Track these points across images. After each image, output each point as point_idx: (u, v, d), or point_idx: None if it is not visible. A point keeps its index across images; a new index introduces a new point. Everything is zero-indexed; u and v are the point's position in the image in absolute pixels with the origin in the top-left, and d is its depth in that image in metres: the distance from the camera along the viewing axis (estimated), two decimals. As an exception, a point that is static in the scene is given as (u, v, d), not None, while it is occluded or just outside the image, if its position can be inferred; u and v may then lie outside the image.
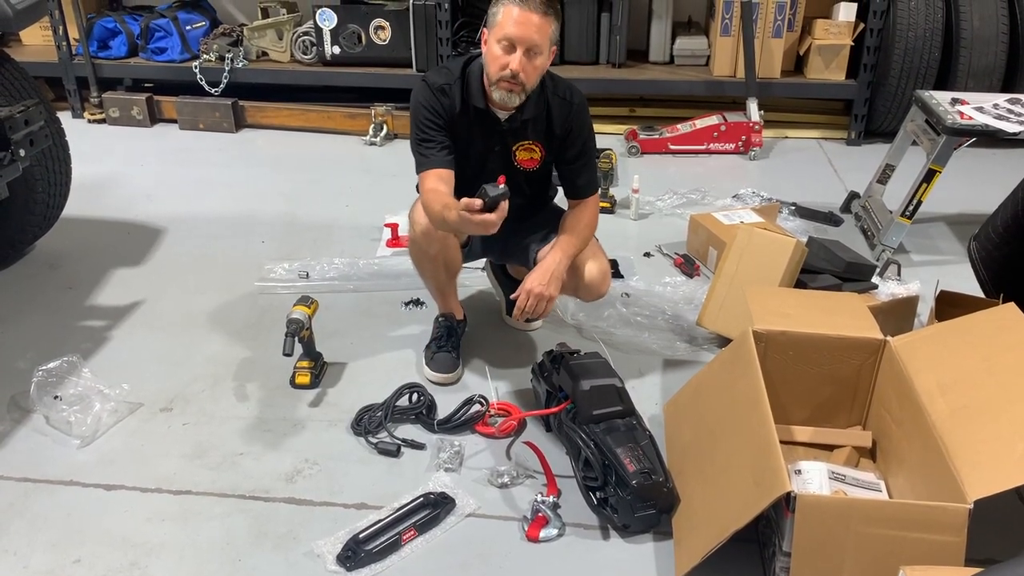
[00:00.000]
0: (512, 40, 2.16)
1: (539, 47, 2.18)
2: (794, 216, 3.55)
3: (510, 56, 2.18)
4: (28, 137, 2.70)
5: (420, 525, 1.95)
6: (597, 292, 2.49)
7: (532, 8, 2.14)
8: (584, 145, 2.44)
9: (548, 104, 2.36)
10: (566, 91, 2.39)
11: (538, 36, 2.17)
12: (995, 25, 4.07)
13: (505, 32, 2.16)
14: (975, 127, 3.00)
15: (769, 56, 4.39)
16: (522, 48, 2.17)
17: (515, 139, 2.39)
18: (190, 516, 2.02)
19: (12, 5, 2.69)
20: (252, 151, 4.47)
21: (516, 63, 2.17)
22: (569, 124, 2.39)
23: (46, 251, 3.27)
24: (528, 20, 2.14)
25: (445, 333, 2.55)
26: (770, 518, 1.78)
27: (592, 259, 2.46)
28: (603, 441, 1.99)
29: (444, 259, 2.45)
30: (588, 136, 2.45)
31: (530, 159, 2.44)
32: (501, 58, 2.19)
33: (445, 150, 2.31)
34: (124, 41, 4.75)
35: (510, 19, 2.15)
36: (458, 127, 2.33)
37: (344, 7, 4.52)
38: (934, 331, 2.12)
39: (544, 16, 2.16)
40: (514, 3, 2.15)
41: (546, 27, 2.17)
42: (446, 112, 2.30)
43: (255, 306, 2.91)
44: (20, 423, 2.33)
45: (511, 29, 2.15)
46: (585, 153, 2.45)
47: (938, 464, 1.72)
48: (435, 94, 2.30)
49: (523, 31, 2.15)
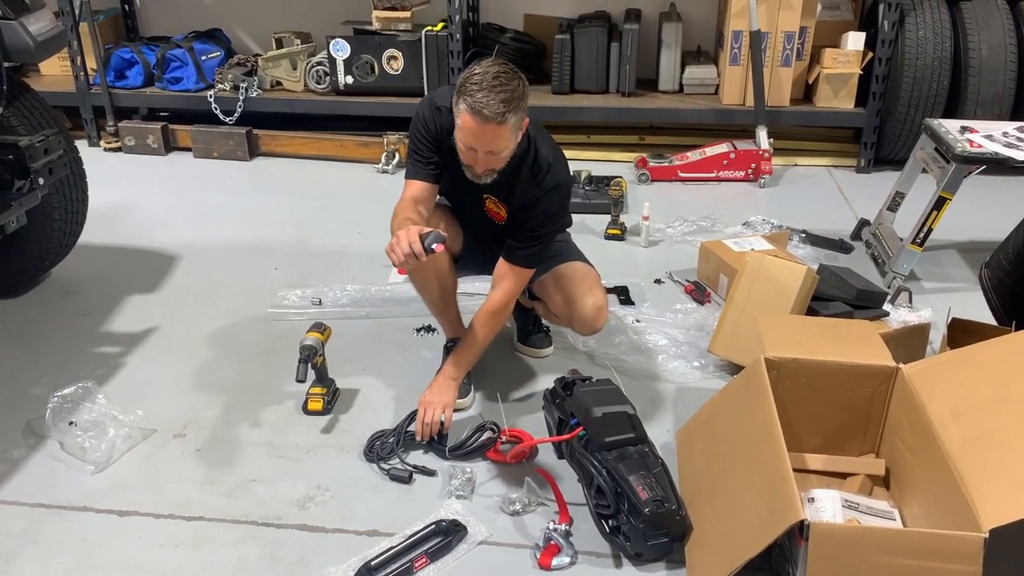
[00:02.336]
0: (471, 147, 2.14)
1: (500, 148, 2.14)
2: (805, 243, 3.55)
3: (474, 157, 2.16)
4: (47, 166, 2.74)
5: (432, 552, 1.94)
6: (592, 327, 2.49)
7: (489, 119, 2.05)
8: (538, 228, 2.32)
9: (518, 175, 2.29)
10: (540, 173, 2.29)
11: (497, 143, 2.12)
12: (1003, 54, 4.09)
13: (464, 138, 2.14)
14: (985, 155, 3.01)
15: (778, 85, 4.42)
16: (482, 152, 2.14)
17: (484, 190, 2.37)
18: (203, 542, 2.02)
19: (34, 37, 2.75)
20: (265, 179, 4.51)
21: (480, 166, 2.17)
22: (527, 202, 2.30)
23: (62, 278, 3.30)
24: (485, 131, 2.09)
25: (455, 360, 2.56)
26: (783, 547, 1.77)
27: (588, 293, 2.45)
28: (615, 468, 1.99)
29: (435, 271, 2.44)
30: (545, 222, 2.32)
31: (497, 213, 2.42)
32: (465, 153, 2.18)
33: (431, 166, 2.33)
34: (140, 71, 4.82)
35: (469, 129, 2.10)
36: (446, 151, 2.33)
37: (357, 38, 4.58)
38: (946, 358, 2.11)
39: (501, 125, 2.07)
40: (470, 113, 2.07)
41: (504, 131, 2.10)
42: (438, 130, 2.31)
43: (268, 332, 2.93)
44: (35, 449, 2.35)
45: (470, 139, 2.12)
46: (536, 236, 2.33)
47: (952, 492, 1.71)
48: (433, 111, 2.32)
49: (482, 143, 2.12)
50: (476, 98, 2.05)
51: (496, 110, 2.05)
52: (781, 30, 4.31)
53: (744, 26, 4.28)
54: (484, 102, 2.04)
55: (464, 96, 2.08)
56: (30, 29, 2.76)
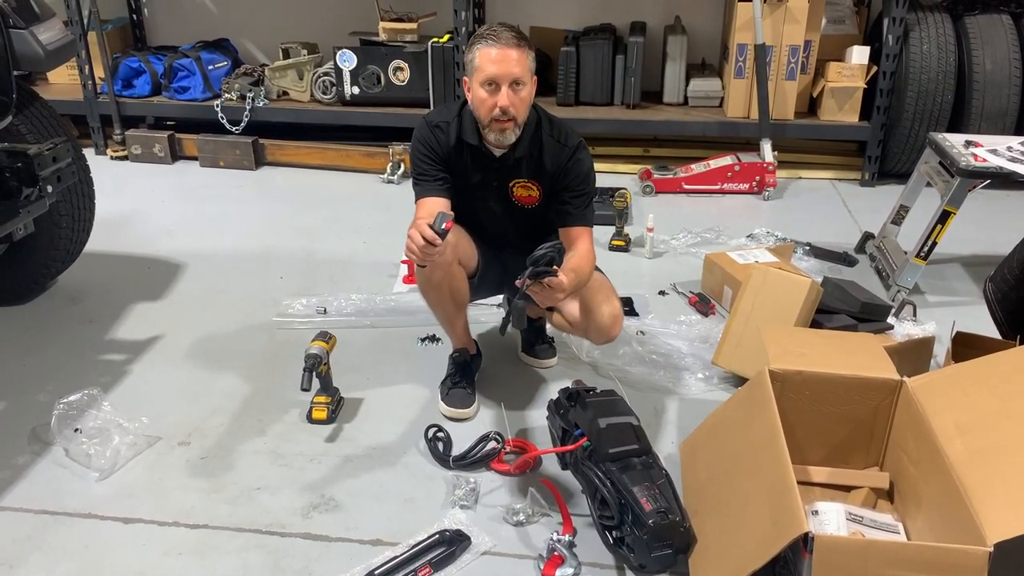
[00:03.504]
0: (495, 79, 2.20)
1: (522, 79, 2.22)
2: (809, 256, 3.56)
3: (497, 95, 2.22)
4: (56, 174, 2.75)
5: (435, 562, 1.94)
6: (608, 335, 2.49)
7: (507, 44, 2.19)
8: (579, 186, 2.39)
9: (542, 143, 2.38)
10: (561, 135, 2.39)
11: (518, 69, 2.21)
12: (1007, 68, 4.10)
13: (486, 73, 2.21)
14: (989, 169, 3.02)
15: (783, 98, 4.43)
16: (506, 84, 2.21)
17: (511, 176, 2.41)
18: (207, 550, 2.02)
19: (44, 46, 2.77)
20: (271, 188, 4.53)
21: (504, 99, 2.21)
22: (563, 166, 2.38)
23: (68, 285, 3.32)
24: (506, 56, 2.19)
25: (460, 369, 2.57)
26: (787, 559, 1.77)
27: (605, 302, 2.45)
28: (619, 479, 1.98)
29: (449, 287, 2.45)
30: (585, 179, 2.40)
31: (528, 196, 2.45)
32: (488, 99, 2.23)
33: (439, 182, 2.36)
34: (148, 80, 4.85)
35: (488, 60, 2.20)
36: (454, 163, 2.37)
37: (364, 48, 4.61)
38: (951, 372, 2.11)
39: (519, 48, 2.21)
40: (488, 44, 2.20)
41: (524, 58, 2.22)
42: (441, 148, 2.35)
43: (273, 341, 2.94)
44: (40, 455, 2.35)
45: (492, 69, 2.20)
46: (580, 193, 2.40)
47: (957, 506, 1.71)
48: (431, 131, 2.36)
49: (504, 68, 2.20)
50: (489, 32, 2.21)
51: (512, 36, 2.21)
52: (786, 44, 4.33)
53: (749, 39, 4.30)
54: (498, 32, 2.21)
55: (477, 40, 2.23)
56: (40, 38, 2.79)
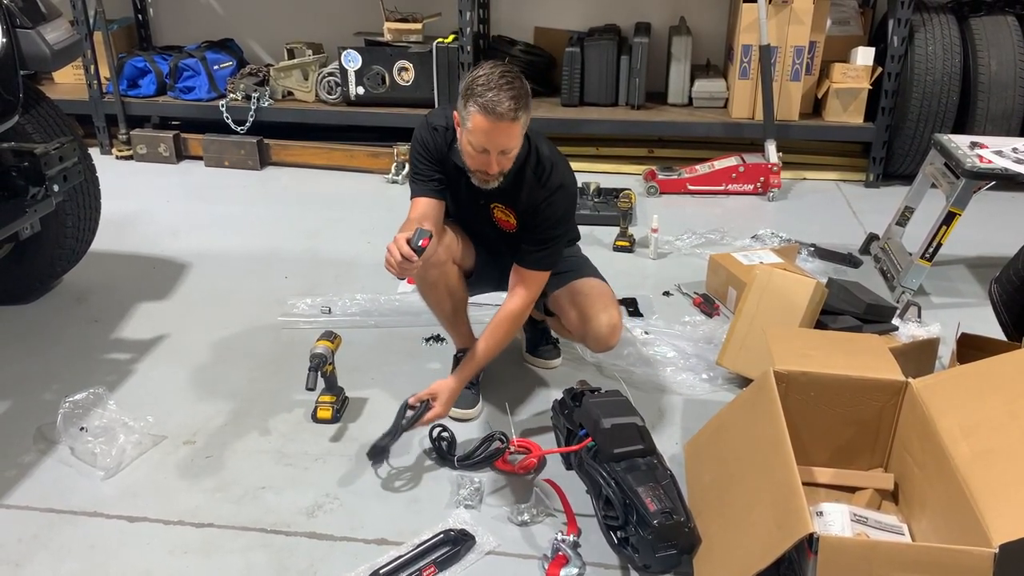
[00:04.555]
0: (484, 148, 2.15)
1: (512, 146, 2.16)
2: (813, 257, 3.56)
3: (485, 157, 2.16)
4: (62, 173, 2.76)
5: (440, 562, 1.94)
6: (605, 344, 2.48)
7: (502, 117, 2.07)
8: (548, 230, 2.32)
9: (523, 178, 2.30)
10: (544, 174, 2.30)
11: (510, 140, 2.14)
12: (1013, 69, 4.10)
13: (478, 140, 2.13)
14: (995, 171, 3.01)
15: (787, 99, 4.43)
16: (495, 153, 2.15)
17: (490, 199, 2.38)
18: (212, 550, 2.03)
19: (50, 46, 2.77)
20: (276, 188, 4.54)
21: (492, 167, 2.17)
22: (534, 204, 2.31)
23: (73, 285, 3.32)
24: (500, 130, 2.10)
25: (464, 369, 2.56)
26: (792, 560, 1.77)
27: (603, 311, 2.44)
28: (624, 480, 1.99)
29: (446, 286, 2.45)
30: (555, 223, 2.32)
31: (507, 221, 2.41)
32: (476, 157, 2.17)
33: (434, 183, 2.35)
34: (153, 80, 4.86)
35: (480, 129, 2.10)
36: (447, 168, 2.35)
37: (369, 49, 4.61)
38: (956, 373, 2.11)
39: (515, 121, 2.10)
40: (483, 113, 2.07)
41: (517, 128, 2.13)
42: (437, 150, 2.33)
43: (278, 341, 2.95)
44: (46, 454, 2.36)
45: (483, 139, 2.12)
46: (546, 238, 2.33)
47: (962, 508, 1.71)
48: (430, 132, 2.33)
49: (496, 141, 2.12)
50: (487, 97, 2.06)
51: (509, 107, 2.07)
52: (791, 44, 4.33)
53: (754, 40, 4.30)
54: (496, 100, 2.06)
55: (474, 98, 2.08)
56: (47, 38, 2.79)
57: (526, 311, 2.41)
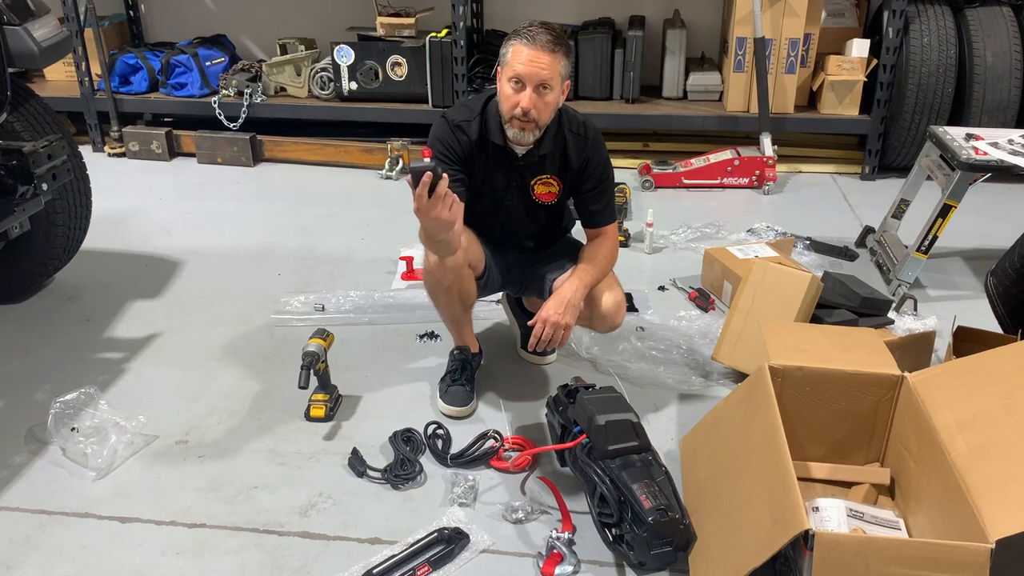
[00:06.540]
0: (522, 78, 2.20)
1: (549, 84, 2.21)
2: (809, 251, 3.54)
3: (520, 94, 2.21)
4: (51, 171, 2.74)
5: (434, 561, 1.93)
6: (611, 323, 2.49)
7: (540, 46, 2.17)
8: (600, 177, 2.45)
9: (564, 139, 2.39)
10: (580, 126, 2.42)
11: (547, 73, 2.20)
12: (1008, 61, 4.08)
13: (515, 71, 2.20)
14: (990, 162, 3.00)
15: (782, 92, 4.41)
16: (532, 86, 2.20)
17: (532, 174, 2.42)
18: (204, 550, 2.01)
19: (38, 42, 2.75)
20: (269, 185, 4.51)
21: (527, 101, 2.21)
22: (585, 158, 2.41)
23: (65, 284, 3.30)
24: (537, 58, 2.18)
25: (460, 366, 2.56)
26: (788, 556, 1.76)
27: (608, 290, 2.47)
28: (619, 477, 1.98)
29: (459, 290, 2.45)
30: (604, 169, 2.46)
31: (548, 193, 2.47)
32: (512, 96, 2.23)
33: (455, 183, 2.33)
34: (145, 76, 4.83)
35: (519, 58, 2.19)
36: (475, 163, 2.36)
37: (362, 44, 4.59)
38: (952, 367, 2.10)
39: (552, 53, 2.19)
40: (522, 42, 2.19)
41: (555, 64, 2.20)
42: (462, 148, 2.34)
43: (271, 339, 2.93)
44: (37, 455, 2.34)
45: (520, 68, 2.19)
46: (601, 185, 2.46)
47: (958, 502, 1.70)
48: (452, 130, 2.34)
49: (532, 69, 2.19)
50: (528, 30, 2.20)
51: (548, 39, 2.19)
52: (785, 37, 4.31)
53: (748, 33, 4.28)
54: (535, 32, 2.19)
55: (514, 35, 2.23)
56: (35, 35, 2.77)
57: (614, 254, 2.53)
